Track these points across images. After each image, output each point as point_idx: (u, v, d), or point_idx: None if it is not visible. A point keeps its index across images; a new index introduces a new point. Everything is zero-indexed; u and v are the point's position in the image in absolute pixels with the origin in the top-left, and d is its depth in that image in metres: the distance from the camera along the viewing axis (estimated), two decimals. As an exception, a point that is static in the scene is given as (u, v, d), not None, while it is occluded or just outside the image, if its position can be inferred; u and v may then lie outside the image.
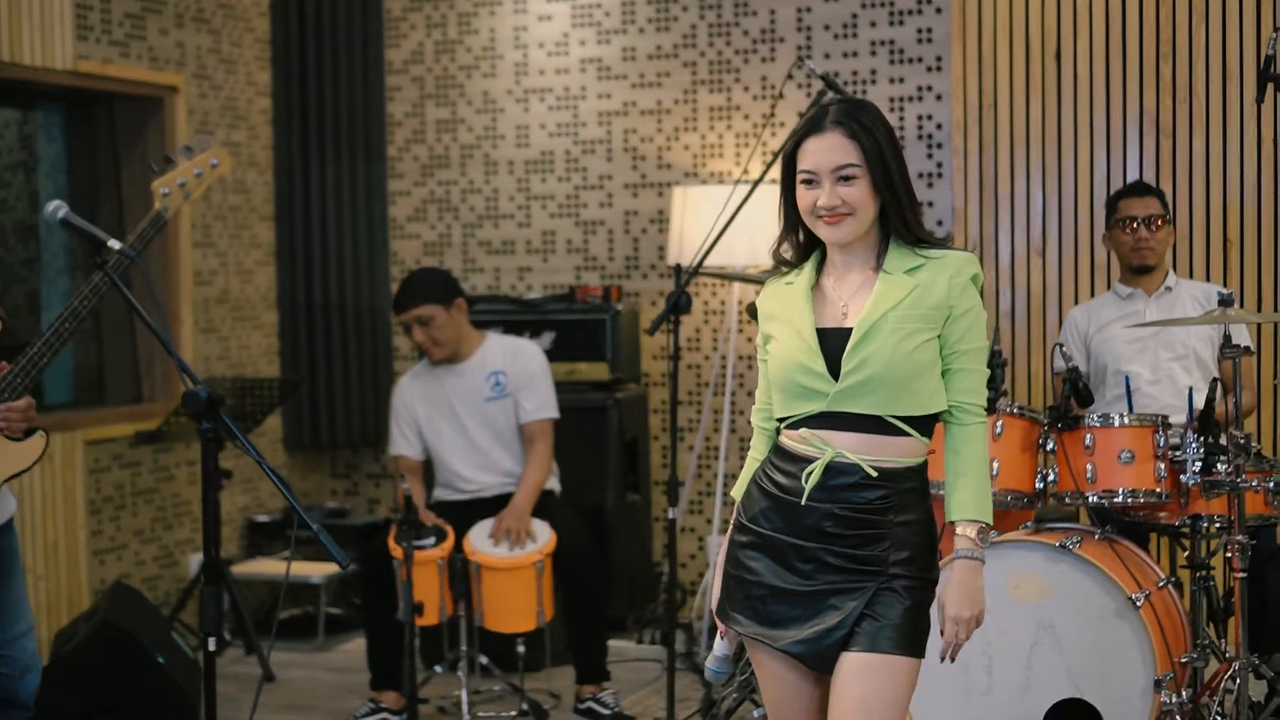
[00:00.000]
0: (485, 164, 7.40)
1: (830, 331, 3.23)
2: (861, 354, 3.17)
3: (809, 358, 3.22)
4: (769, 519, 3.27)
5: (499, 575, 5.44)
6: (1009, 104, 6.53)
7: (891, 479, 3.20)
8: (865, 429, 3.19)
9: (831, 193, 3.20)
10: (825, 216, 3.21)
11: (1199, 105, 6.28)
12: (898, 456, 3.21)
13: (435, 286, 5.72)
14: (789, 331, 3.28)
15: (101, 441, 6.39)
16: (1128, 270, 5.47)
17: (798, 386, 3.24)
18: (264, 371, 7.34)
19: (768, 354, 3.34)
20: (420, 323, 5.68)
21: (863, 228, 3.23)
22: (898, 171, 3.23)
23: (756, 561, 3.27)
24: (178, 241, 6.77)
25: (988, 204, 6.58)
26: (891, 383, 3.16)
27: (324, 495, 7.60)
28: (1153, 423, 4.69)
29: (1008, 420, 4.73)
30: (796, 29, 6.86)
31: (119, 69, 6.44)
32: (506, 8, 7.31)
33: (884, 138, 3.24)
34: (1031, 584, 4.50)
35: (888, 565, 3.19)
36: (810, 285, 3.31)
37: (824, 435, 3.21)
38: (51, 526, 6.10)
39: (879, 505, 3.20)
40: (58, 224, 3.92)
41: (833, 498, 3.20)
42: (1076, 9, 6.42)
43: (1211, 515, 4.73)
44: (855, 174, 3.20)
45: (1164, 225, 5.40)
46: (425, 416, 5.81)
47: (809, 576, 3.21)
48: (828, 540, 3.20)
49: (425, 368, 5.86)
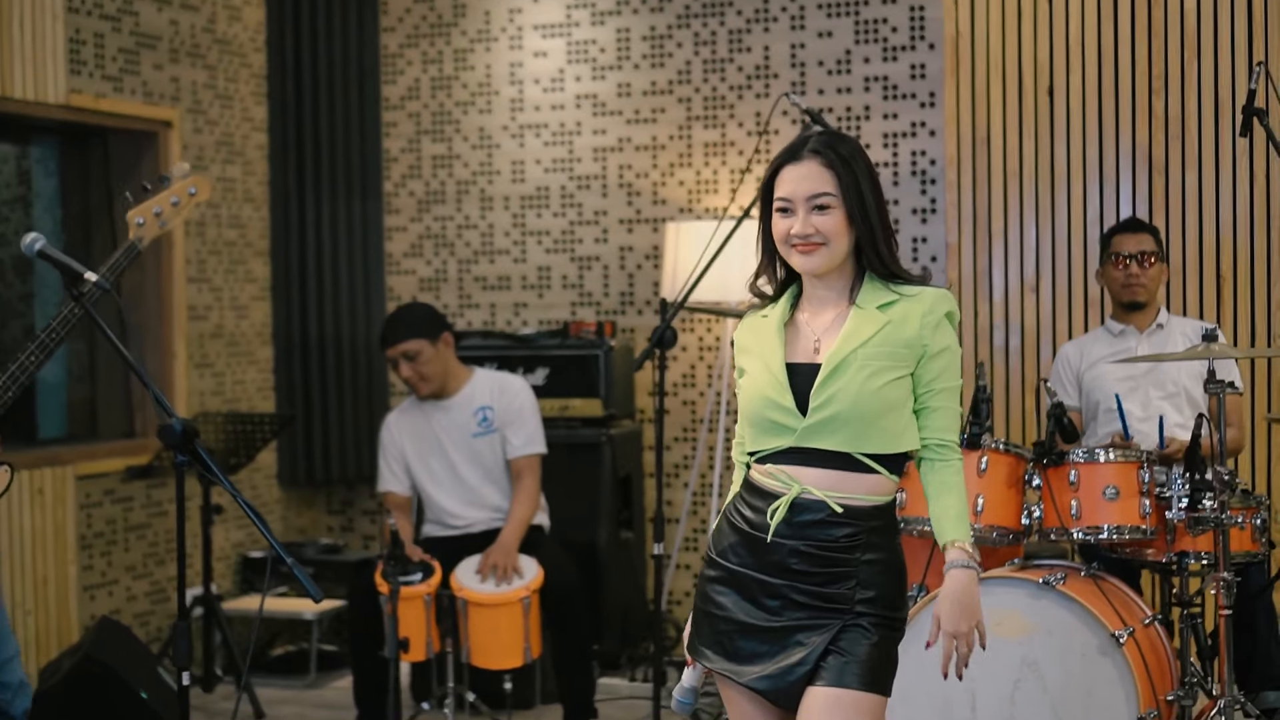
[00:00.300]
0: (481, 199, 7.41)
1: (800, 367, 3.22)
2: (829, 390, 3.16)
3: (777, 393, 3.21)
4: (737, 554, 3.26)
5: (485, 611, 5.41)
6: (1002, 139, 6.53)
7: (858, 517, 3.19)
8: (833, 465, 3.18)
9: (805, 221, 3.19)
10: (799, 245, 3.20)
11: (1190, 141, 6.27)
12: (865, 494, 3.20)
13: (422, 321, 5.71)
14: (760, 366, 3.27)
15: (93, 476, 6.39)
16: (1119, 306, 5.47)
17: (766, 421, 3.23)
18: (259, 407, 7.34)
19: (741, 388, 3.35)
20: (407, 358, 5.68)
21: (835, 259, 3.22)
22: (875, 205, 3.22)
23: (724, 597, 3.26)
24: (172, 276, 6.78)
25: (981, 239, 6.57)
26: (859, 420, 3.15)
27: (319, 531, 7.59)
28: (1137, 459, 4.68)
29: (993, 456, 4.72)
30: (790, 65, 6.87)
31: (112, 103, 6.46)
32: (502, 44, 7.33)
33: (862, 170, 3.23)
34: (1014, 621, 4.47)
35: (854, 603, 3.17)
36: (784, 319, 3.30)
37: (791, 471, 3.20)
38: (41, 562, 6.09)
39: (845, 543, 3.18)
40: (35, 256, 3.94)
41: (799, 535, 3.19)
42: (1069, 45, 6.43)
43: (1198, 552, 4.70)
44: (830, 203, 3.19)
45: (1156, 262, 5.39)
46: (413, 452, 5.80)
47: (776, 613, 3.20)
48: (794, 577, 3.19)
49: (413, 403, 5.85)
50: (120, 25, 6.53)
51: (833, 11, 6.81)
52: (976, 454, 4.69)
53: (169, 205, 4.42)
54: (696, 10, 7.01)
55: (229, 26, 7.17)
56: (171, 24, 6.81)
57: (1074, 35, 6.42)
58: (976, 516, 4.67)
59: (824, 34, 6.83)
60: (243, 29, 7.26)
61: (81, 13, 6.32)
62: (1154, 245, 5.40)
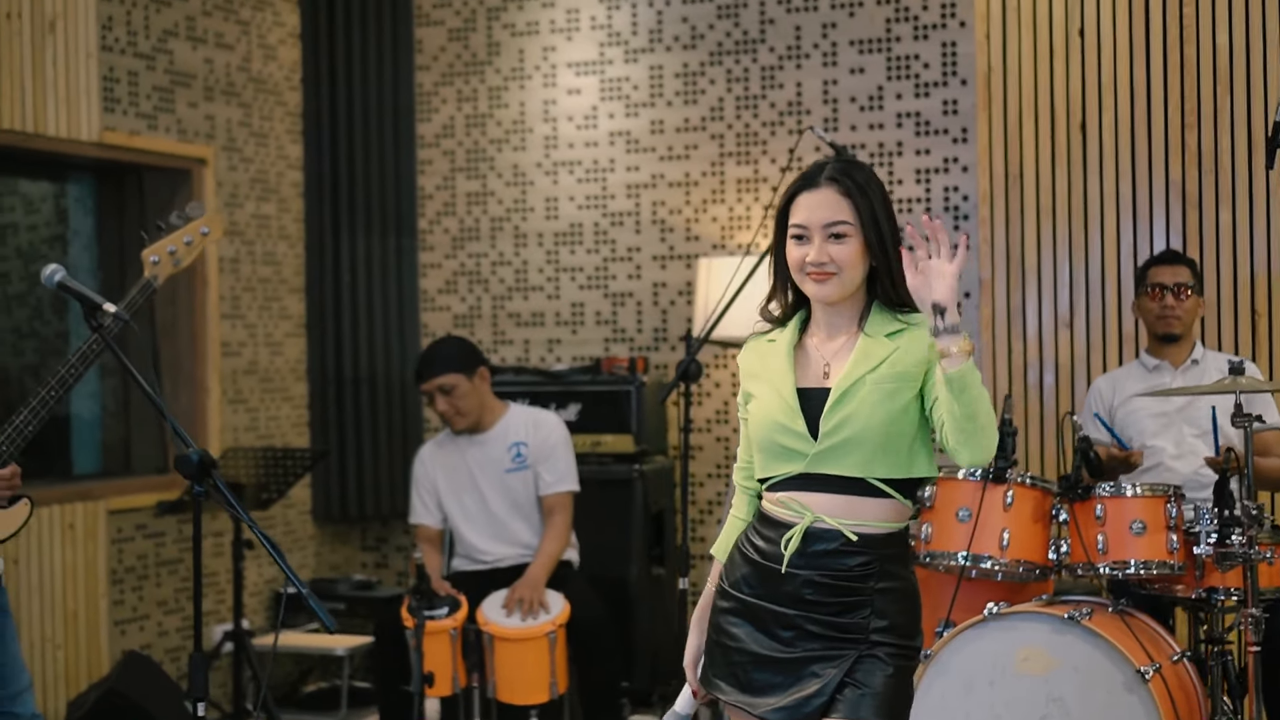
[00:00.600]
0: (515, 236, 7.43)
1: (810, 391, 3.21)
2: (840, 414, 3.14)
3: (789, 417, 3.19)
4: (750, 585, 3.24)
5: (511, 646, 5.40)
6: (1035, 175, 6.50)
7: (872, 545, 3.16)
8: (845, 491, 3.16)
9: (821, 249, 3.18)
10: (813, 273, 3.19)
11: (1225, 176, 6.23)
12: (879, 520, 3.18)
13: (457, 356, 5.72)
14: (769, 391, 3.25)
15: (125, 511, 6.41)
16: (1154, 338, 5.42)
17: (777, 446, 3.21)
18: (293, 443, 7.37)
19: (748, 413, 3.32)
20: (443, 392, 5.69)
21: (849, 288, 3.21)
22: (890, 234, 3.21)
23: (738, 628, 3.24)
24: (205, 312, 6.82)
25: (1014, 275, 6.54)
26: (871, 443, 3.13)
27: (354, 567, 7.60)
28: (1165, 493, 4.63)
29: (1018, 490, 4.68)
30: (823, 101, 6.87)
31: (146, 141, 6.52)
32: (536, 82, 7.36)
33: (878, 199, 3.22)
34: (1039, 657, 4.43)
35: (869, 633, 3.15)
36: (792, 344, 3.29)
37: (802, 499, 3.18)
38: (72, 596, 6.12)
39: (859, 572, 3.16)
40: (55, 287, 3.97)
41: (813, 564, 3.17)
42: (1101, 80, 6.40)
43: (1228, 588, 4.65)
44: (846, 232, 3.18)
45: (1192, 295, 5.34)
46: (446, 486, 5.80)
47: (790, 644, 3.18)
48: (808, 608, 3.17)
49: (447, 437, 5.86)
50: (154, 64, 6.59)
51: (865, 48, 6.81)
52: (1002, 488, 4.66)
53: (182, 244, 4.46)
54: (729, 48, 7.02)
55: (264, 65, 7.22)
56: (206, 62, 6.87)
57: (1106, 70, 6.40)
58: (1003, 551, 4.63)
59: (856, 70, 6.82)
60: (278, 68, 7.32)
61: (115, 51, 6.38)
62: (1190, 277, 5.35)
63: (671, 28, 7.12)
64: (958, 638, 4.48)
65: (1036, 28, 6.49)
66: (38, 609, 5.96)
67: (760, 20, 6.96)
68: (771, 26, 6.95)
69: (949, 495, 4.70)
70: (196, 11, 6.83)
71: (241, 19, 7.09)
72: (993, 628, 4.45)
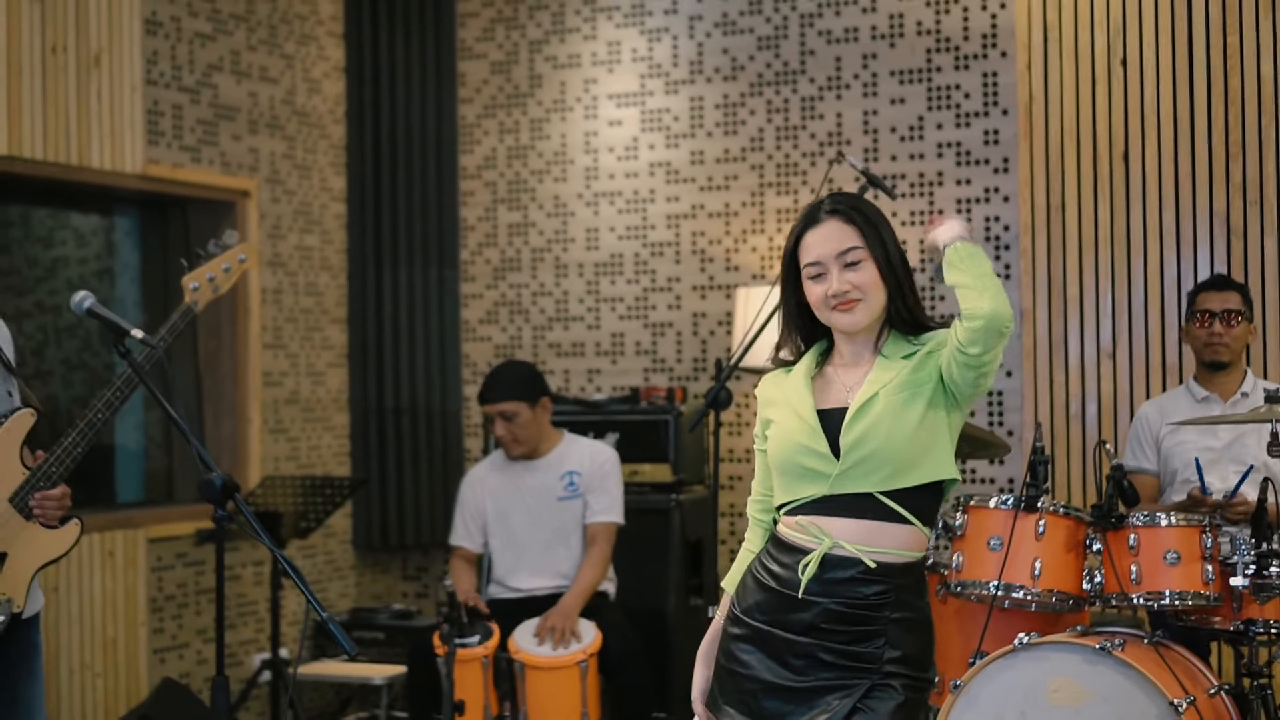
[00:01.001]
0: (556, 267, 7.44)
1: (831, 412, 3.21)
2: (859, 428, 3.14)
3: (810, 438, 3.18)
4: (763, 611, 3.22)
5: (542, 675, 5.39)
6: (1077, 205, 6.46)
7: (890, 574, 3.14)
8: (866, 515, 3.14)
9: (840, 279, 3.19)
10: (838, 305, 3.19)
11: (1270, 206, 6.17)
12: (898, 549, 3.16)
13: (522, 382, 5.77)
14: (788, 414, 3.25)
15: (165, 540, 6.44)
16: (1202, 366, 5.32)
17: (799, 468, 3.19)
18: (334, 473, 7.39)
19: (765, 441, 3.30)
20: (504, 417, 5.72)
21: (874, 311, 3.21)
22: (898, 257, 3.23)
23: (749, 655, 3.22)
24: (247, 342, 6.86)
25: (1056, 306, 6.49)
26: (893, 456, 3.12)
27: (394, 597, 7.60)
28: (1200, 523, 4.56)
29: (1050, 519, 4.62)
30: (863, 131, 6.86)
31: (189, 173, 6.57)
32: (577, 113, 7.38)
33: (881, 222, 3.24)
34: (1070, 688, 4.37)
35: (882, 663, 3.12)
36: (810, 372, 3.29)
37: (822, 523, 3.16)
38: (110, 624, 6.15)
39: (875, 601, 3.13)
40: (84, 314, 4.02)
41: (829, 592, 3.14)
42: (1144, 110, 6.35)
43: (1266, 620, 4.57)
44: (860, 257, 3.19)
45: (1241, 321, 5.23)
46: (493, 510, 5.82)
47: (802, 672, 3.16)
48: (822, 636, 3.15)
49: (502, 460, 5.88)
50: (199, 97, 6.65)
51: (905, 78, 6.80)
52: (1034, 517, 4.60)
53: (220, 271, 4.53)
54: (769, 79, 7.02)
55: (308, 99, 7.28)
56: (250, 96, 6.93)
57: (1149, 100, 6.35)
58: (1034, 580, 4.58)
59: (896, 100, 6.81)
60: (322, 101, 7.37)
61: (160, 85, 6.45)
62: (1240, 303, 5.25)
63: (712, 59, 7.13)
64: (988, 668, 4.42)
65: (1079, 57, 6.46)
66: (77, 637, 5.99)
67: (800, 51, 6.96)
68: (812, 57, 6.94)
69: (980, 524, 4.66)
70: (241, 46, 6.89)
71: (286, 53, 7.15)
72: (1024, 658, 4.40)
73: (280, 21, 7.11)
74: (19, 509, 4.06)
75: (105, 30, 6.15)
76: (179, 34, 6.55)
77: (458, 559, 5.83)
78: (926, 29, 6.76)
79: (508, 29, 7.51)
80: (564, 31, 7.41)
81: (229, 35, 6.83)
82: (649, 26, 7.24)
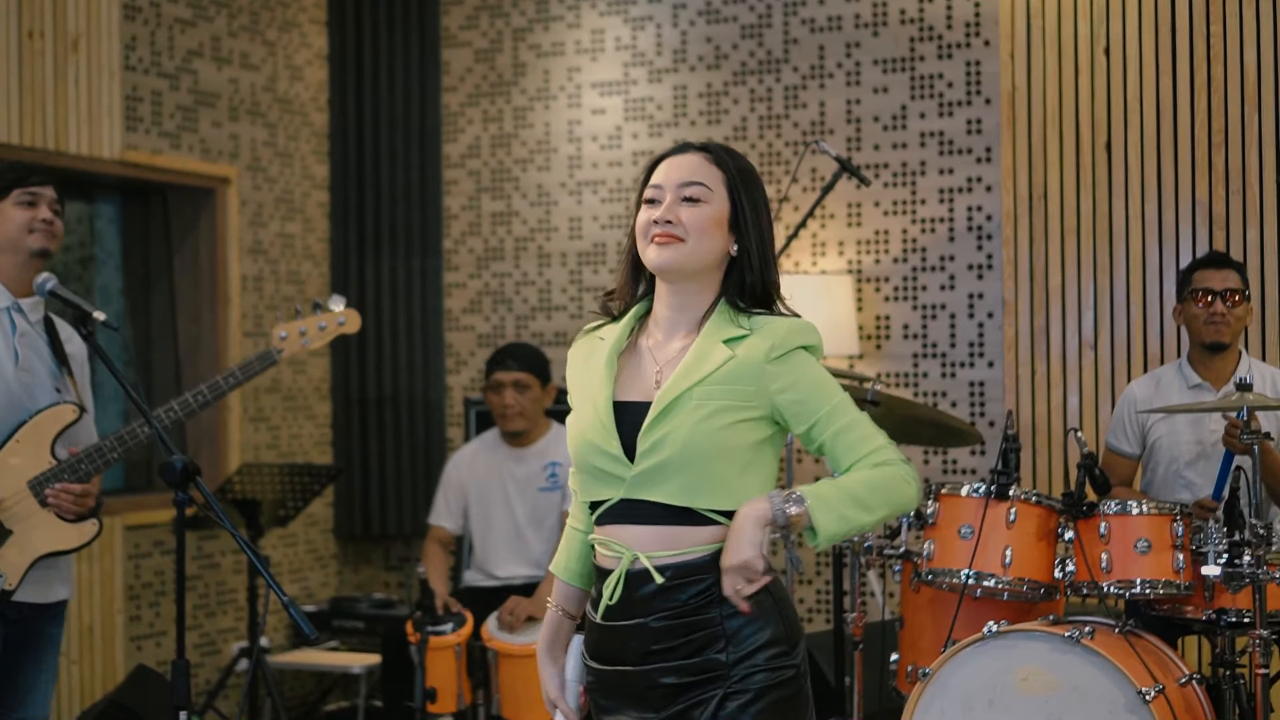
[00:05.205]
0: (539, 256, 7.42)
1: (631, 405, 2.86)
2: (658, 433, 2.80)
3: (602, 437, 2.85)
4: (601, 650, 2.91)
5: (515, 662, 5.36)
6: (1059, 195, 6.43)
7: (703, 569, 2.79)
8: (667, 520, 2.80)
9: (670, 208, 2.82)
10: (656, 236, 2.82)
11: (1252, 196, 6.14)
12: (706, 544, 2.81)
13: (540, 362, 5.87)
14: (584, 402, 2.91)
15: (142, 527, 6.43)
16: (1199, 347, 5.12)
17: (593, 469, 2.87)
18: (315, 461, 7.37)
19: (568, 426, 3.00)
20: (517, 386, 5.74)
21: (692, 261, 2.83)
22: (760, 224, 2.88)
23: (609, 700, 2.91)
24: (228, 331, 6.84)
25: (1038, 296, 6.46)
26: (691, 467, 2.78)
27: (376, 586, 7.58)
28: (1170, 512, 4.53)
29: (1021, 507, 4.59)
30: (846, 121, 6.83)
31: (168, 160, 6.54)
32: (561, 102, 7.36)
33: (752, 181, 2.90)
34: (1039, 677, 4.34)
35: (730, 667, 2.80)
36: (619, 348, 2.93)
37: (621, 533, 2.84)
38: (87, 611, 6.13)
39: (698, 602, 2.80)
40: (47, 295, 4.02)
41: (646, 609, 2.81)
42: (1127, 99, 6.33)
43: (1238, 609, 4.54)
44: (701, 195, 2.83)
45: (1241, 301, 5.05)
46: (476, 494, 5.82)
47: (658, 706, 2.84)
48: (659, 658, 2.82)
49: (492, 441, 5.88)
50: (178, 83, 6.63)
51: (888, 67, 6.77)
52: (1005, 505, 4.57)
53: (315, 328, 4.61)
54: (752, 68, 7.00)
55: (290, 86, 7.25)
56: (231, 83, 6.91)
57: (1132, 90, 6.32)
58: (1005, 569, 4.55)
59: (879, 90, 6.78)
60: (304, 88, 7.34)
61: (139, 70, 6.42)
62: (1240, 283, 5.06)
63: (695, 48, 7.10)
64: (957, 656, 4.40)
65: (1061, 46, 6.43)
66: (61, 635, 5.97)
67: (784, 40, 6.94)
68: (795, 46, 6.92)
69: (951, 512, 4.63)
70: (222, 32, 6.87)
71: (268, 40, 7.12)
72: (992, 646, 4.37)
73: (262, 8, 7.08)
74: (35, 494, 4.13)
75: (83, 15, 6.12)
76: (158, 19, 6.52)
77: (431, 540, 5.83)
78: (910, 18, 6.74)
79: (491, 17, 7.49)
80: (548, 19, 7.38)
81: (209, 21, 6.80)
82: (633, 15, 7.22)
